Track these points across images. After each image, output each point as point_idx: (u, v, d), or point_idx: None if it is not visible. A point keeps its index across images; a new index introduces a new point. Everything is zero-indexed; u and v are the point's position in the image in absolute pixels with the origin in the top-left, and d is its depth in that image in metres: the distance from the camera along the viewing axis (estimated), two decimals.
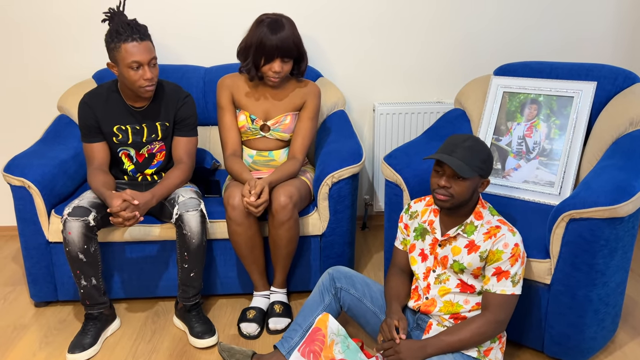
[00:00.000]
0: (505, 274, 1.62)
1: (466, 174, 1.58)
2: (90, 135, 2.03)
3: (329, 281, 1.83)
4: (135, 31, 1.87)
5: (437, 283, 1.72)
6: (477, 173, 1.61)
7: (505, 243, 1.62)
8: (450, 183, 1.61)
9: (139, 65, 1.89)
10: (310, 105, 2.18)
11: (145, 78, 1.90)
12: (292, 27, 2.05)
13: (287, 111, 2.18)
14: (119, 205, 1.83)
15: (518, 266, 1.62)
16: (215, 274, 2.22)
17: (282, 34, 2.01)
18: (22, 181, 2.06)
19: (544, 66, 2.30)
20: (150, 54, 1.90)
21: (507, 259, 1.61)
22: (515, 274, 1.62)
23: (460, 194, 1.62)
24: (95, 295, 1.96)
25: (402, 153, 2.13)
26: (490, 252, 1.63)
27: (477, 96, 2.41)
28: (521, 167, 2.20)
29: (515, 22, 2.73)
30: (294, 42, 2.04)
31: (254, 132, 2.18)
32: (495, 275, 1.63)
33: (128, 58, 1.87)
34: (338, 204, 2.15)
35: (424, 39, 2.73)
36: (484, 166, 1.62)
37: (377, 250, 2.71)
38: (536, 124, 2.22)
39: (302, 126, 2.18)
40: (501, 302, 1.62)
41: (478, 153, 1.61)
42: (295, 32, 2.06)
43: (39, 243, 2.13)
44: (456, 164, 1.58)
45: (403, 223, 1.85)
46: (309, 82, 2.22)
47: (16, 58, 2.65)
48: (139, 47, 1.87)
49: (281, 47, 2.01)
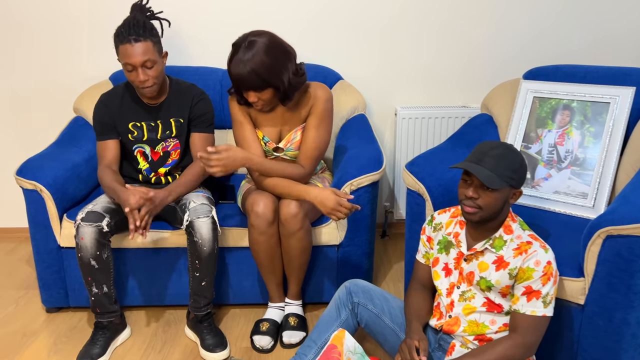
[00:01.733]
0: (536, 293, 1.51)
1: (495, 185, 1.47)
2: (104, 132, 2.01)
3: (346, 295, 1.74)
4: (132, 32, 1.82)
5: (461, 300, 1.61)
6: (508, 184, 1.50)
7: (537, 260, 1.51)
8: (479, 194, 1.51)
9: (132, 67, 1.85)
10: (315, 112, 1.96)
11: (137, 80, 1.86)
12: (260, 55, 1.77)
13: (297, 126, 2.02)
14: (137, 202, 1.77)
15: (550, 286, 1.51)
16: (227, 283, 2.15)
17: (241, 68, 1.77)
18: (34, 185, 2.02)
19: (578, 70, 2.17)
20: (143, 56, 1.83)
21: (539, 277, 1.50)
22: (547, 294, 1.51)
23: (488, 206, 1.51)
24: (106, 304, 1.91)
25: (425, 160, 2.02)
26: (521, 270, 1.52)
27: (506, 101, 2.29)
28: (552, 176, 2.08)
29: (546, 23, 2.60)
30: (257, 74, 1.77)
31: (268, 154, 2.06)
32: (525, 295, 1.51)
33: (122, 59, 1.86)
34: (356, 212, 2.05)
35: (450, 39, 2.63)
36: (515, 176, 1.51)
37: (398, 260, 2.60)
38: (569, 132, 2.09)
39: (306, 136, 1.97)
40: (531, 324, 1.51)
41: (509, 162, 1.50)
42: (264, 61, 1.77)
43: (51, 248, 2.09)
44: (484, 174, 1.48)
45: (426, 235, 1.74)
46: (315, 85, 1.99)
47: (33, 59, 2.62)
48: (131, 49, 1.82)
49: (241, 81, 1.80)
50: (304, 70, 1.93)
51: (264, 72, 1.78)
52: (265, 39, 1.81)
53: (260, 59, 1.78)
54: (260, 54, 1.78)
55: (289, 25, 2.60)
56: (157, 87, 1.92)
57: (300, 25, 2.60)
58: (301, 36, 2.61)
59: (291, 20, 2.60)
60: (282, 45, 1.85)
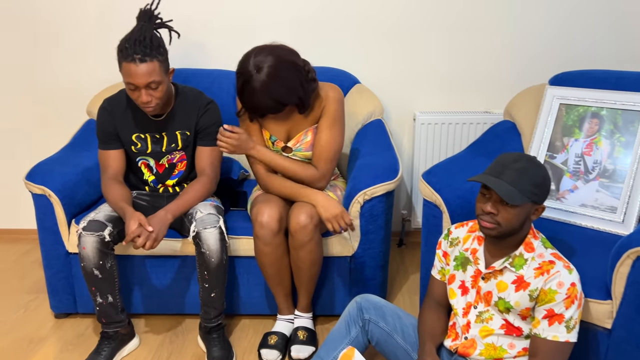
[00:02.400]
0: (558, 317, 1.41)
1: (515, 200, 1.38)
2: (107, 142, 1.94)
3: (357, 311, 1.66)
4: (139, 50, 1.72)
5: (478, 322, 1.52)
6: (529, 199, 1.40)
7: (560, 282, 1.41)
8: (498, 209, 1.42)
9: (135, 87, 1.77)
10: (327, 112, 1.91)
11: (140, 100, 1.78)
12: (270, 80, 1.71)
13: (308, 126, 1.97)
14: (134, 232, 1.72)
15: (574, 309, 1.41)
16: (237, 293, 2.09)
17: (254, 99, 1.74)
18: (43, 189, 1.99)
19: (608, 75, 2.05)
20: (147, 77, 1.74)
21: (562, 300, 1.40)
22: (570, 319, 1.41)
23: (508, 222, 1.42)
24: (112, 314, 1.87)
25: (442, 170, 1.93)
26: (542, 292, 1.42)
27: (530, 107, 2.18)
28: (578, 188, 1.97)
29: (573, 26, 2.48)
30: (273, 99, 1.74)
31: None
32: (546, 319, 1.42)
33: (125, 78, 1.76)
34: (370, 223, 1.97)
35: (471, 42, 2.52)
36: (537, 191, 1.41)
37: (414, 271, 2.52)
38: (597, 141, 1.97)
39: (319, 138, 1.92)
40: (552, 349, 1.41)
41: (531, 176, 1.41)
42: (275, 85, 1.72)
43: (59, 253, 2.06)
44: (504, 189, 1.39)
45: (442, 250, 1.66)
46: (327, 86, 1.93)
47: (47, 61, 2.61)
48: (135, 69, 1.72)
49: (258, 111, 1.78)
50: (312, 72, 1.86)
51: (280, 96, 1.75)
52: (271, 60, 1.73)
53: (272, 85, 1.72)
54: (270, 80, 1.72)
55: (305, 27, 2.54)
56: (160, 107, 1.85)
57: (316, 27, 2.53)
58: (317, 39, 2.54)
59: (307, 23, 2.53)
60: (289, 61, 1.77)
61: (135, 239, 1.72)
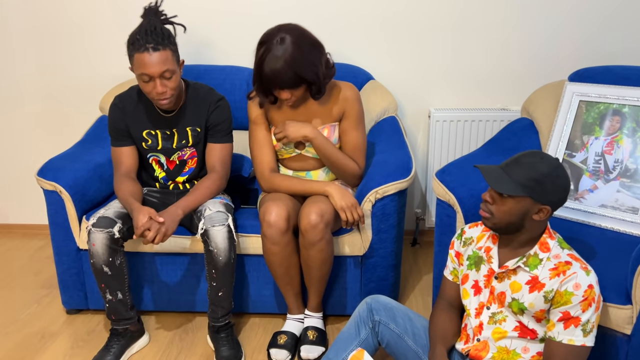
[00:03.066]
0: (574, 320, 1.36)
1: (503, 189, 1.36)
2: (119, 139, 1.94)
3: (367, 312, 1.63)
4: (151, 40, 1.72)
5: (491, 323, 1.48)
6: (525, 193, 1.36)
7: (577, 284, 1.36)
8: (494, 199, 1.40)
9: (150, 78, 1.75)
10: (351, 114, 1.94)
11: (155, 91, 1.77)
12: (293, 50, 1.73)
13: (324, 123, 1.96)
14: (144, 225, 1.71)
15: (591, 312, 1.36)
16: (247, 291, 2.07)
17: (275, 65, 1.72)
18: (54, 186, 2.00)
19: (630, 71, 1.98)
20: (162, 66, 1.73)
21: (578, 302, 1.35)
22: (587, 322, 1.36)
23: (500, 214, 1.39)
24: (121, 310, 1.86)
25: (457, 169, 1.89)
26: (558, 293, 1.37)
27: (548, 105, 2.12)
28: (598, 188, 1.90)
29: (594, 19, 2.41)
30: (293, 70, 1.73)
31: (289, 150, 1.98)
32: (562, 321, 1.37)
33: (138, 69, 1.75)
34: (382, 222, 1.94)
35: (488, 37, 2.46)
36: (534, 185, 1.36)
37: (428, 271, 2.47)
38: (618, 139, 1.91)
39: (348, 139, 1.95)
40: (568, 353, 1.36)
41: (531, 170, 1.36)
42: (298, 56, 1.73)
43: (70, 249, 2.07)
44: (494, 176, 1.38)
45: (454, 250, 1.61)
46: (344, 85, 1.95)
47: (60, 58, 2.63)
48: (149, 58, 1.72)
49: (276, 80, 1.75)
50: (332, 62, 1.90)
51: (299, 68, 1.74)
52: (295, 34, 1.77)
53: (295, 54, 1.73)
54: (293, 51, 1.73)
55: (318, 23, 2.50)
56: (174, 100, 1.84)
57: (329, 22, 2.50)
58: (330, 34, 2.51)
59: (321, 19, 2.50)
60: (312, 39, 1.81)
61: (145, 232, 1.70)
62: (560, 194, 1.39)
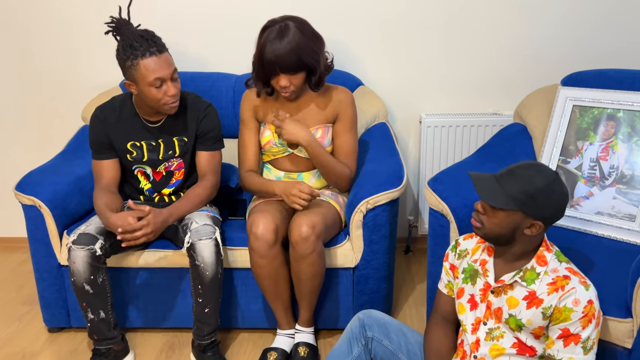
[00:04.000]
0: (574, 337, 1.31)
1: (492, 201, 1.32)
2: (100, 152, 1.88)
3: (359, 329, 1.57)
4: (152, 43, 1.68)
5: (488, 339, 1.43)
6: (516, 207, 1.31)
7: (576, 299, 1.31)
8: (485, 210, 1.36)
9: (162, 81, 1.70)
10: (345, 116, 1.93)
11: (169, 94, 1.73)
12: (296, 35, 1.76)
13: (318, 124, 1.94)
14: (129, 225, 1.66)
15: (592, 329, 1.31)
16: (236, 306, 2.01)
17: (279, 46, 1.73)
18: (33, 200, 1.93)
19: (624, 75, 1.95)
20: (171, 67, 1.72)
21: (578, 319, 1.30)
22: (587, 339, 1.31)
23: (490, 225, 1.36)
24: (104, 330, 1.79)
25: (449, 177, 1.84)
26: (557, 309, 1.32)
27: (541, 109, 2.08)
28: (594, 195, 1.86)
29: (587, 22, 2.37)
30: (297, 53, 1.75)
31: (281, 148, 1.94)
32: (561, 339, 1.32)
33: (149, 75, 1.68)
34: (373, 233, 1.88)
35: (478, 41, 2.42)
36: (526, 201, 1.31)
37: (421, 279, 2.42)
38: (613, 145, 1.87)
39: (341, 141, 1.94)
40: None
41: (525, 184, 1.31)
42: (301, 41, 1.76)
43: (51, 266, 2.00)
44: (485, 187, 1.34)
45: (449, 263, 1.56)
46: (339, 88, 1.97)
47: (39, 64, 2.55)
48: (158, 61, 1.68)
49: (278, 62, 1.75)
50: (331, 57, 1.93)
51: (303, 52, 1.76)
52: (298, 21, 1.81)
53: (299, 39, 1.76)
54: (298, 34, 1.77)
55: None
56: (179, 102, 1.81)
57: (318, 28, 2.44)
58: None
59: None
60: (314, 29, 1.85)
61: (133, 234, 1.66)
62: (554, 210, 1.34)
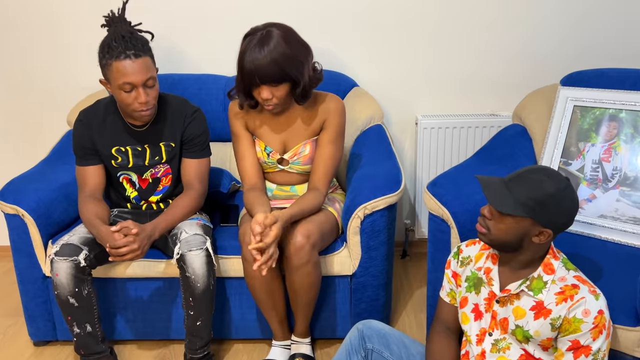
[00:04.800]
0: (585, 349, 1.26)
1: (500, 207, 1.27)
2: (84, 157, 1.80)
3: (358, 340, 1.51)
4: (130, 46, 1.60)
5: (494, 351, 1.37)
6: (525, 213, 1.26)
7: (586, 310, 1.26)
8: (492, 215, 1.31)
9: (132, 87, 1.62)
10: (331, 126, 1.81)
11: (139, 101, 1.64)
12: (279, 44, 1.63)
13: (306, 138, 1.84)
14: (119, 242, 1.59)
15: (602, 340, 1.26)
16: (229, 316, 1.94)
17: (258, 56, 1.61)
18: (16, 209, 1.85)
19: (626, 74, 1.91)
20: (146, 73, 1.62)
21: (588, 330, 1.25)
22: (598, 351, 1.26)
23: (497, 231, 1.30)
24: (91, 344, 1.72)
25: (449, 180, 1.78)
26: (566, 320, 1.27)
27: (541, 110, 2.03)
28: (597, 198, 1.81)
29: (588, 20, 2.33)
30: (278, 63, 1.62)
31: (272, 166, 1.87)
32: (571, 351, 1.27)
33: (119, 79, 1.61)
34: (371, 239, 1.82)
35: (476, 40, 2.38)
36: (536, 207, 1.26)
37: (420, 285, 2.36)
38: (616, 146, 1.82)
39: (322, 152, 1.82)
40: None
41: (535, 190, 1.26)
42: (284, 50, 1.64)
43: (36, 277, 1.92)
44: (494, 190, 1.29)
45: (451, 270, 1.51)
46: (329, 95, 1.85)
47: (25, 66, 2.46)
48: (132, 65, 1.60)
49: (258, 72, 1.62)
50: (320, 68, 1.80)
51: (285, 62, 1.64)
52: (283, 29, 1.69)
53: (281, 48, 1.64)
54: (280, 44, 1.64)
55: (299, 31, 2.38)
56: (155, 110, 1.71)
57: (310, 28, 2.37)
58: (312, 41, 2.37)
59: (301, 25, 2.36)
60: (300, 38, 1.74)
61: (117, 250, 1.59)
62: (564, 218, 1.29)
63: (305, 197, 1.76)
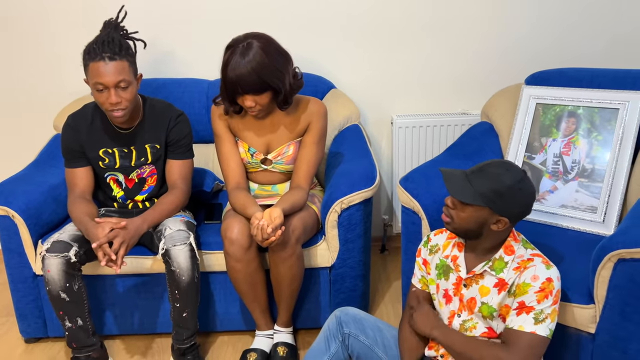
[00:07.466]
0: (527, 309, 1.35)
1: (460, 197, 1.37)
2: (73, 160, 1.87)
3: (336, 326, 1.60)
4: (107, 49, 1.69)
5: (462, 330, 1.48)
6: (483, 203, 1.36)
7: (535, 275, 1.36)
8: (455, 205, 1.41)
9: (104, 87, 1.71)
10: (314, 128, 1.90)
11: (109, 102, 1.72)
12: (258, 55, 1.70)
13: (290, 140, 1.93)
14: (106, 236, 1.65)
15: (547, 304, 1.35)
16: (214, 309, 2.02)
17: (239, 67, 1.69)
18: (6, 210, 1.91)
19: (584, 73, 2.03)
20: (117, 76, 1.69)
21: (534, 292, 1.35)
22: (540, 311, 1.35)
23: (459, 220, 1.41)
24: (83, 338, 1.79)
25: (420, 175, 1.89)
26: (517, 286, 1.38)
27: (507, 108, 2.15)
28: (558, 189, 1.93)
29: (550, 24, 2.46)
30: (258, 73, 1.70)
31: (255, 165, 1.95)
32: (516, 310, 1.37)
33: (93, 78, 1.70)
34: (348, 232, 1.92)
35: (447, 42, 2.49)
36: (494, 197, 1.36)
37: (397, 277, 2.47)
38: (575, 140, 1.95)
39: (305, 152, 1.90)
40: (516, 340, 1.35)
41: (493, 181, 1.37)
42: (263, 61, 1.71)
43: (26, 276, 1.98)
44: (453, 182, 1.39)
45: (421, 258, 1.61)
46: (312, 100, 1.94)
47: (12, 70, 2.51)
48: (105, 67, 1.68)
49: (240, 82, 1.71)
50: (300, 74, 1.88)
51: (265, 73, 1.71)
52: (262, 40, 1.75)
53: (261, 59, 1.71)
54: (260, 55, 1.71)
55: (277, 34, 2.47)
56: (129, 113, 1.78)
57: (289, 33, 2.48)
58: (291, 45, 2.47)
59: (279, 29, 2.47)
60: (280, 48, 1.80)
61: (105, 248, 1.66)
62: (520, 208, 1.40)
63: (292, 195, 1.84)
